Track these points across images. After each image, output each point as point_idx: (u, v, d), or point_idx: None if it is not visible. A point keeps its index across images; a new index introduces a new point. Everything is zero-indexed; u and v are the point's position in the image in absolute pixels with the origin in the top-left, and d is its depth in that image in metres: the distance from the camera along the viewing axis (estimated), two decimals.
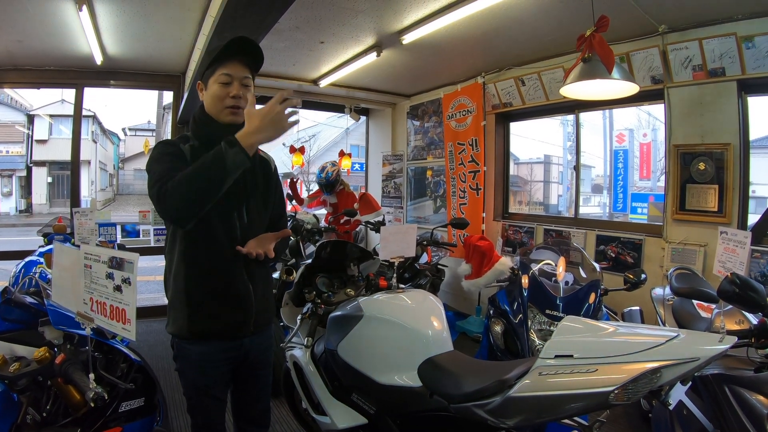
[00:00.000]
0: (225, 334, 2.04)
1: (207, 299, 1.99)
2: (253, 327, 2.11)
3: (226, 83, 1.95)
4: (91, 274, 1.66)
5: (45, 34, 4.66)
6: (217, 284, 2.00)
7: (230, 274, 2.02)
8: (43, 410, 1.95)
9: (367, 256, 3.10)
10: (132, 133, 36.54)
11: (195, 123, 2.04)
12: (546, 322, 3.17)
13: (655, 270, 4.29)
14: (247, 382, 2.24)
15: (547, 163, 21.21)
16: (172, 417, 3.50)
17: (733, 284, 1.88)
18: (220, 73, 1.94)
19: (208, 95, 1.99)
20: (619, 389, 1.32)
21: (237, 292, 2.04)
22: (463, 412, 1.75)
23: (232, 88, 1.95)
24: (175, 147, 1.95)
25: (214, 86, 1.95)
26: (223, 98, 1.95)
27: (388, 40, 4.72)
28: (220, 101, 1.96)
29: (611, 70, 3.15)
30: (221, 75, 1.93)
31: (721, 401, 2.07)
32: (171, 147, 1.95)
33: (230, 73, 1.94)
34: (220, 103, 1.96)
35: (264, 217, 2.16)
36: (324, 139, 25.52)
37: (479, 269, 4.08)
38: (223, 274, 2.01)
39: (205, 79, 2.00)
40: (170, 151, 1.92)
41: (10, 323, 2.40)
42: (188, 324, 1.98)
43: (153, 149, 1.99)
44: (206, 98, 2.00)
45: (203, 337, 2.01)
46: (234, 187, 1.89)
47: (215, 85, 1.95)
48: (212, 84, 1.96)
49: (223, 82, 1.94)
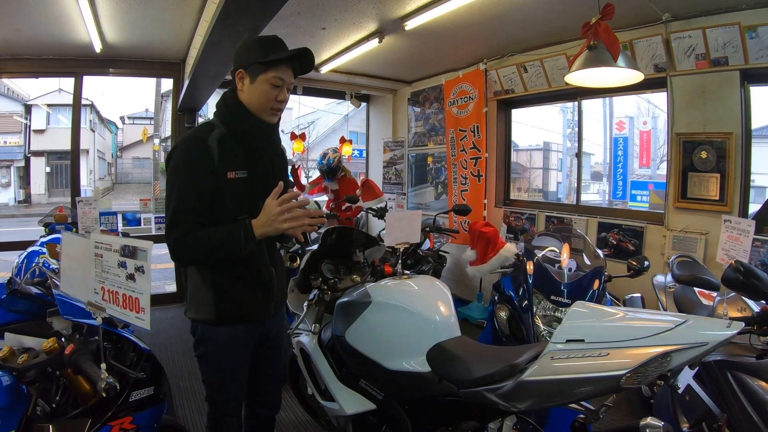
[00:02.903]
0: (251, 317, 2.15)
1: (234, 285, 2.09)
2: (273, 310, 2.24)
3: (278, 86, 1.99)
4: (102, 263, 1.66)
5: (44, 23, 4.62)
6: (243, 271, 2.08)
7: (256, 260, 2.11)
8: (52, 401, 1.94)
9: (373, 242, 3.10)
10: (130, 122, 36.31)
11: (228, 110, 2.06)
12: (551, 308, 3.18)
13: (656, 257, 4.29)
14: (264, 362, 2.33)
15: (546, 150, 21.16)
16: (177, 405, 3.52)
17: (738, 272, 1.89)
18: (274, 75, 1.96)
19: (253, 90, 2.00)
20: (630, 373, 1.34)
21: (262, 278, 2.16)
22: (474, 396, 1.76)
23: (282, 92, 2.02)
24: (200, 149, 1.96)
25: (264, 85, 1.98)
26: (271, 100, 2.00)
27: (390, 26, 4.70)
28: (267, 102, 2.01)
29: (617, 58, 3.14)
30: (275, 78, 1.97)
31: (724, 387, 2.10)
32: (196, 151, 1.96)
33: (284, 78, 1.99)
34: (267, 103, 2.01)
35: None
36: (324, 126, 25.40)
37: (484, 255, 4.06)
38: (250, 261, 2.07)
39: (253, 73, 1.98)
40: (194, 162, 1.94)
41: (16, 314, 2.39)
42: (215, 309, 2.07)
43: (177, 147, 2.01)
44: (250, 91, 2.01)
45: (230, 321, 2.11)
46: (260, 172, 2.09)
47: (266, 84, 1.97)
48: (262, 82, 1.97)
49: (275, 84, 1.98)
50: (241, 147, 2.04)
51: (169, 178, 1.96)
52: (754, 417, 1.94)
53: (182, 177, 1.93)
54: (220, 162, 1.96)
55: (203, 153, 1.94)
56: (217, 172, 1.95)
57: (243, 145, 2.05)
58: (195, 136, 2.02)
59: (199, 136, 1.99)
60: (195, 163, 1.93)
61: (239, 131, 2.03)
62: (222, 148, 1.97)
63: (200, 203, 1.92)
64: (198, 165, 1.93)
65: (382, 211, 5.26)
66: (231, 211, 1.99)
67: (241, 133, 2.03)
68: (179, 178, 1.93)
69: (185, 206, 1.90)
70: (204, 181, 1.93)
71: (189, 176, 1.92)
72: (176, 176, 1.94)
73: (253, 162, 2.08)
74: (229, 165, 1.98)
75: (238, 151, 2.03)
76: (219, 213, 1.97)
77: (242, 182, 2.02)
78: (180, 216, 1.90)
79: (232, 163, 1.99)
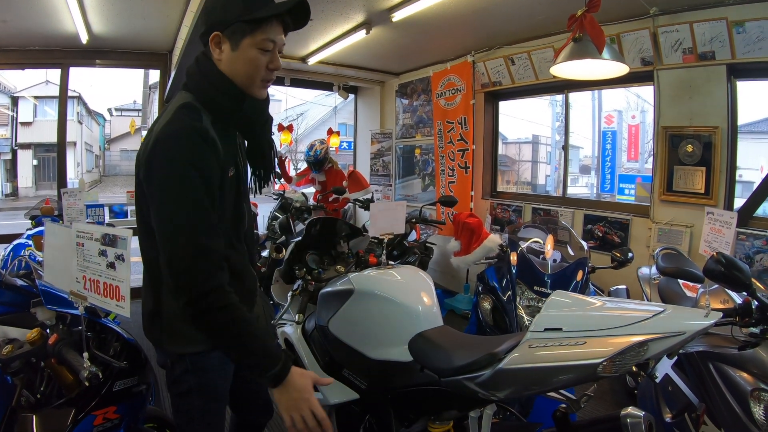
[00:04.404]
0: None
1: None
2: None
3: (269, 51, 1.57)
4: (84, 252, 1.66)
5: (30, 14, 4.59)
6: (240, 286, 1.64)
7: (246, 269, 1.83)
8: (37, 392, 1.95)
9: (357, 233, 3.11)
10: (118, 114, 36.15)
11: (211, 85, 1.58)
12: (534, 299, 3.21)
13: (641, 250, 4.33)
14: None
15: (535, 143, 21.27)
16: (163, 396, 3.51)
17: (719, 263, 1.91)
18: (262, 37, 1.53)
19: (237, 58, 1.55)
20: (607, 361, 1.35)
21: (250, 287, 1.87)
22: (454, 385, 1.77)
23: (275, 58, 1.60)
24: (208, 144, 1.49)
25: (251, 51, 1.54)
26: (261, 69, 1.58)
27: (377, 17, 4.69)
28: (257, 71, 1.57)
29: (602, 51, 3.16)
30: (264, 40, 1.54)
31: (706, 378, 2.12)
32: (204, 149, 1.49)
33: (275, 39, 1.57)
34: (257, 74, 1.58)
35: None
36: (312, 118, 25.34)
37: (468, 246, 4.10)
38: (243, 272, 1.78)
39: (235, 35, 1.53)
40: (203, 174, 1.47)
41: (1, 306, 2.39)
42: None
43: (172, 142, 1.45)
44: (232, 60, 1.56)
45: None
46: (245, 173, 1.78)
47: (253, 50, 1.54)
48: (248, 47, 1.54)
49: (264, 49, 1.55)
50: (229, 136, 1.65)
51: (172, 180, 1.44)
52: (735, 407, 1.97)
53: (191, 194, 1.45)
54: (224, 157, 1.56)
55: (211, 151, 1.50)
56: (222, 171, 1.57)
57: (230, 134, 1.66)
58: (194, 126, 1.48)
59: (200, 128, 1.49)
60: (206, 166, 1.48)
61: (230, 112, 1.60)
62: (221, 139, 1.56)
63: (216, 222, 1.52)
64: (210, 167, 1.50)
65: (368, 203, 5.29)
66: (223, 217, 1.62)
67: (227, 113, 1.60)
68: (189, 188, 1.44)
69: (210, 248, 1.47)
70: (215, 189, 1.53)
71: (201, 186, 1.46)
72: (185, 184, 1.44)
73: (238, 155, 1.72)
74: (227, 160, 1.58)
75: (232, 142, 1.66)
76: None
77: (234, 181, 1.67)
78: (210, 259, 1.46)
79: (230, 157, 1.61)
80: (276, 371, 1.48)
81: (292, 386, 1.50)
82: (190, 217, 1.43)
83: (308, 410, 1.49)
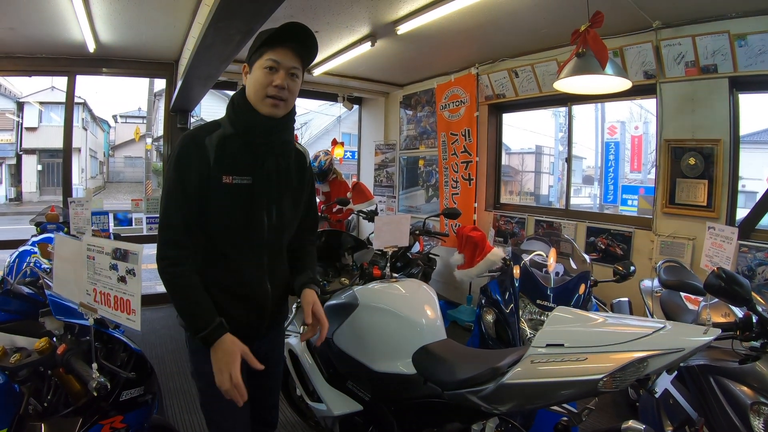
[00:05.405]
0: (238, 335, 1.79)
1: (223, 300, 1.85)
2: (266, 330, 2.06)
3: (272, 69, 1.75)
4: (94, 266, 1.67)
5: (38, 22, 4.63)
6: (236, 286, 1.90)
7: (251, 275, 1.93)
8: (44, 400, 1.95)
9: (362, 245, 3.13)
10: (123, 120, 36.15)
11: (233, 109, 1.84)
12: (537, 312, 3.21)
13: (644, 262, 4.34)
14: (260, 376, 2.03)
15: (538, 154, 21.23)
16: (167, 405, 3.53)
17: (719, 278, 1.93)
18: (266, 57, 1.74)
19: (250, 80, 1.80)
20: (607, 377, 1.37)
21: (255, 295, 1.94)
22: (457, 398, 1.79)
23: (277, 76, 1.75)
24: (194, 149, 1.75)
25: (258, 71, 1.76)
26: (265, 86, 1.75)
27: (382, 30, 4.73)
28: (262, 89, 1.76)
29: (605, 66, 3.18)
30: (267, 60, 1.74)
31: (706, 391, 2.13)
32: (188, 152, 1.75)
33: (278, 59, 1.74)
34: (262, 91, 1.76)
35: (294, 216, 2.03)
36: (316, 127, 25.36)
37: (472, 259, 4.11)
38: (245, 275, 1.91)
39: (251, 63, 1.80)
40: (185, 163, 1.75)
41: (8, 314, 2.40)
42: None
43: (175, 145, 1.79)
44: (248, 83, 1.81)
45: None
46: (265, 184, 1.86)
47: (259, 70, 1.76)
48: (257, 69, 1.77)
49: (268, 67, 1.75)
50: (248, 150, 1.82)
51: (164, 176, 1.88)
52: (735, 421, 1.98)
53: (173, 180, 1.75)
54: (216, 164, 1.75)
55: (196, 154, 1.74)
56: (211, 176, 1.74)
57: (249, 148, 1.82)
58: (192, 134, 1.79)
59: (196, 135, 1.78)
60: (186, 165, 1.74)
61: (249, 130, 1.80)
62: (221, 150, 1.76)
63: (188, 210, 1.75)
64: (189, 166, 1.73)
65: (372, 214, 5.29)
66: (223, 220, 1.80)
67: (245, 131, 1.80)
68: (170, 180, 1.76)
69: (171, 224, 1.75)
70: (193, 184, 1.74)
71: (178, 180, 1.74)
72: (168, 178, 1.78)
73: (258, 167, 1.85)
74: (226, 168, 1.76)
75: (241, 154, 1.81)
76: (212, 221, 1.80)
77: (243, 189, 1.80)
78: (168, 233, 1.75)
79: (231, 166, 1.78)
80: (205, 334, 1.70)
81: (221, 350, 1.71)
82: (165, 204, 1.78)
83: (227, 373, 1.68)
